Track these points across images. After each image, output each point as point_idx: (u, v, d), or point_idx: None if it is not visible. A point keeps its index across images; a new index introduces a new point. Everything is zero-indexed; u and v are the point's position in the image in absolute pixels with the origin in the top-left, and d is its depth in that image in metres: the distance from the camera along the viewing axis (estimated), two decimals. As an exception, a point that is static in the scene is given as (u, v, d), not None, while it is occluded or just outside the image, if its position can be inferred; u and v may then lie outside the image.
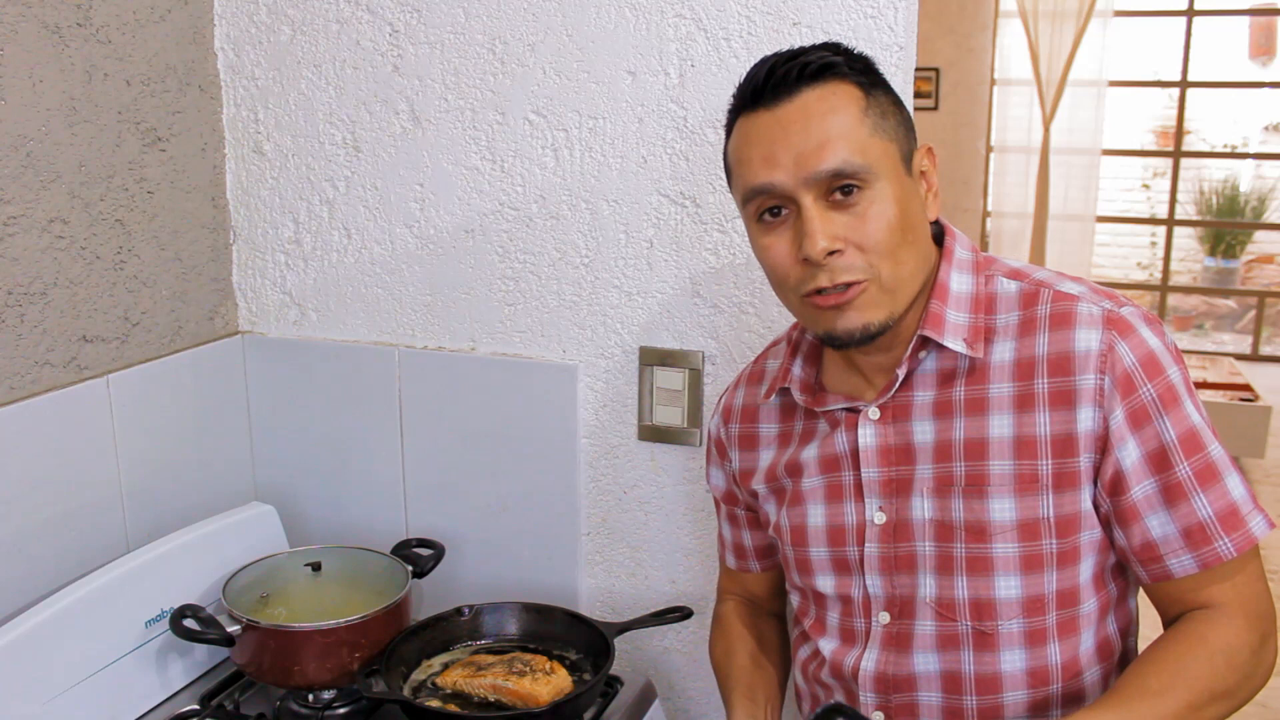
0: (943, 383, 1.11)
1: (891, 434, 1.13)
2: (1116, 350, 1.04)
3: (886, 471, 1.13)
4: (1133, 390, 1.03)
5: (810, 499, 1.19)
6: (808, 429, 1.21)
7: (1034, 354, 1.07)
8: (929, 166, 1.12)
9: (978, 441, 1.08)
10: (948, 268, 1.12)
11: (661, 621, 1.50)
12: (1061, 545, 1.07)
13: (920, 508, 1.11)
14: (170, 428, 1.64)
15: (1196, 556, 1.04)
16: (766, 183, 1.05)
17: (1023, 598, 1.08)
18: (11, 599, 1.39)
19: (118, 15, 1.51)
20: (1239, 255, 7.43)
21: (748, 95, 1.08)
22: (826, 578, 1.19)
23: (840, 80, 1.05)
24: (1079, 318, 1.05)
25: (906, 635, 1.13)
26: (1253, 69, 7.33)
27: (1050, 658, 1.09)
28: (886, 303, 1.06)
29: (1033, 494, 1.06)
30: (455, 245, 1.64)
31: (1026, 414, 1.06)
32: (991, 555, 1.08)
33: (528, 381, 1.63)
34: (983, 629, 1.09)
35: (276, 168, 1.72)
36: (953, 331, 1.09)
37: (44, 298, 1.43)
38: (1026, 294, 1.10)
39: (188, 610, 1.42)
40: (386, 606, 1.44)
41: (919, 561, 1.12)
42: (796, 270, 1.06)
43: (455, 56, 1.58)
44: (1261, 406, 4.87)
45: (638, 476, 1.62)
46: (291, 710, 1.45)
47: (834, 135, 1.03)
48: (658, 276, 1.54)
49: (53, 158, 1.43)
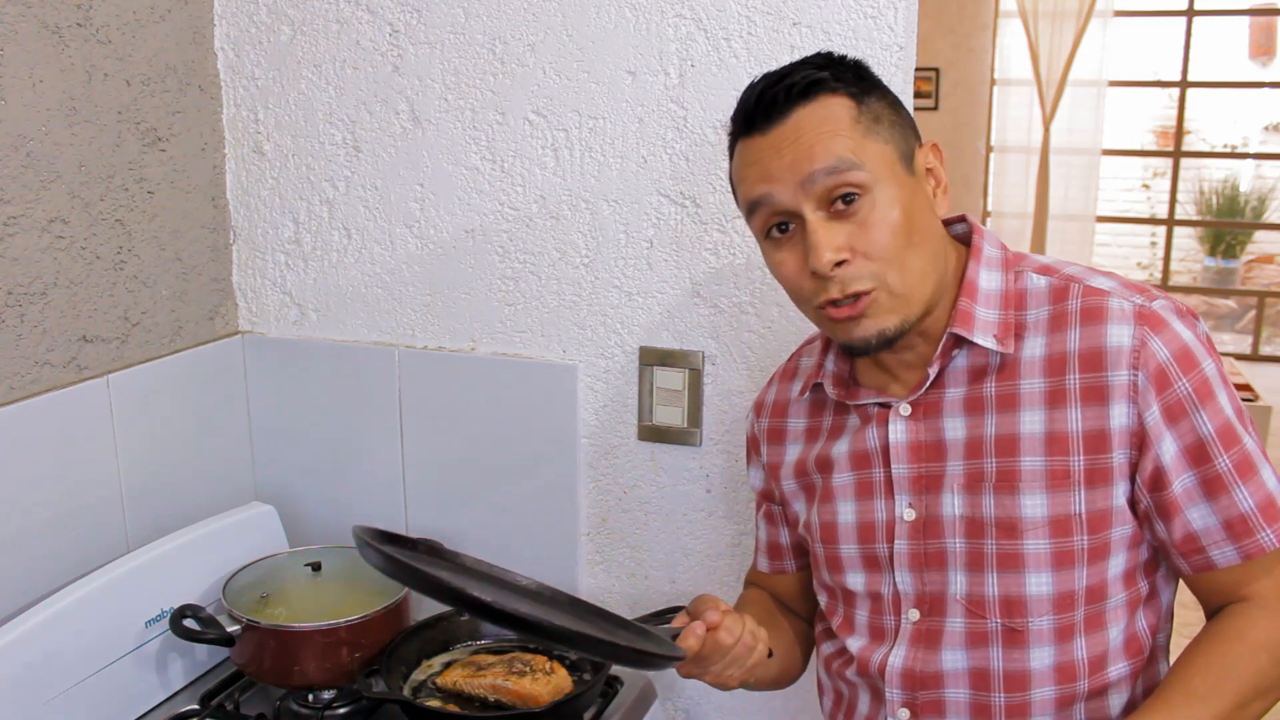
0: (974, 379, 1.11)
1: (923, 430, 1.13)
2: (1150, 346, 1.04)
3: (917, 468, 1.14)
4: (1167, 385, 1.03)
5: (840, 496, 1.19)
6: (837, 424, 1.22)
7: (1065, 349, 1.07)
8: (935, 163, 1.12)
9: (1009, 437, 1.08)
10: (976, 265, 1.12)
11: (661, 621, 1.50)
12: (1093, 541, 1.07)
13: (951, 504, 1.11)
14: (170, 428, 1.64)
15: (1239, 548, 1.04)
16: (765, 193, 1.06)
17: (1054, 594, 1.08)
18: (11, 599, 1.39)
19: (118, 15, 1.51)
20: (1239, 255, 7.43)
21: (741, 121, 1.09)
22: (856, 575, 1.19)
23: (829, 94, 1.06)
24: (1110, 313, 1.05)
25: (936, 632, 1.13)
26: (1253, 69, 7.33)
27: (1077, 653, 1.09)
28: (899, 308, 1.06)
29: (1064, 490, 1.06)
30: (455, 245, 1.64)
31: (1058, 410, 1.07)
32: (1023, 552, 1.08)
33: (528, 381, 1.63)
34: (1013, 626, 1.09)
35: (276, 168, 1.72)
36: (983, 328, 1.09)
37: (44, 298, 1.43)
38: (1057, 289, 1.10)
39: (188, 610, 1.42)
40: (386, 606, 1.45)
41: (949, 558, 1.12)
42: (809, 283, 1.07)
43: (455, 56, 1.58)
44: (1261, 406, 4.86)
45: (638, 476, 1.62)
46: (291, 710, 1.45)
47: (826, 137, 1.04)
48: (658, 276, 1.54)
49: (53, 158, 1.43)
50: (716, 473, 1.57)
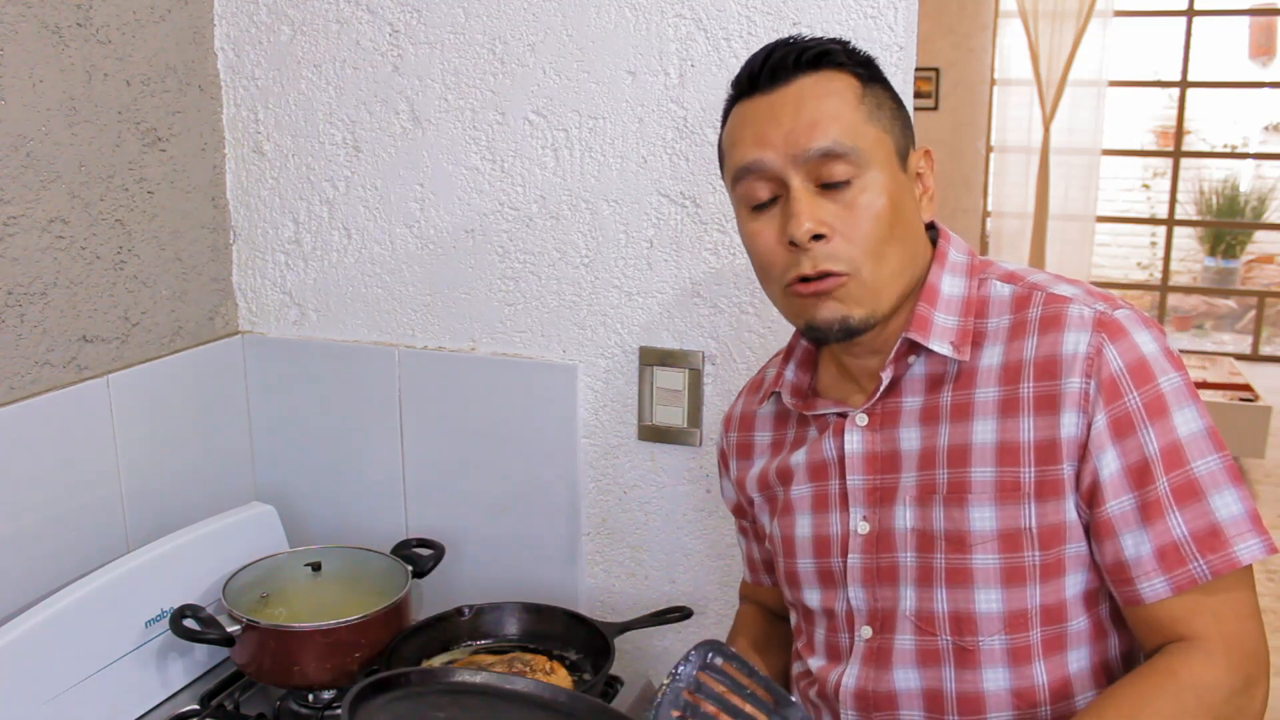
0: (931, 388, 1.08)
1: (879, 441, 1.10)
2: (1105, 353, 0.99)
3: (872, 480, 1.10)
4: (1118, 397, 0.98)
5: (799, 508, 1.16)
6: (799, 435, 1.19)
7: (1021, 358, 1.03)
8: (925, 169, 1.10)
9: (961, 448, 1.04)
10: (939, 270, 1.08)
11: (661, 621, 1.50)
12: (1045, 558, 1.02)
13: (903, 517, 1.07)
14: (170, 428, 1.64)
15: (1170, 579, 0.97)
16: (756, 159, 1.03)
17: (1004, 612, 1.03)
18: (12, 599, 1.39)
19: (118, 15, 1.51)
20: (1239, 255, 7.43)
21: (744, 82, 1.07)
22: (813, 591, 1.16)
23: (837, 69, 1.04)
24: (1069, 320, 1.01)
25: (887, 650, 1.09)
26: (1253, 69, 7.34)
27: (1037, 678, 1.03)
28: (868, 300, 1.04)
29: (1014, 503, 1.02)
30: (455, 245, 1.64)
31: (1010, 419, 1.02)
32: (971, 567, 1.03)
33: (528, 381, 1.63)
34: (963, 644, 1.04)
35: (276, 168, 1.72)
36: (939, 334, 1.05)
37: (44, 298, 1.43)
38: (1019, 297, 1.06)
39: (188, 610, 1.42)
40: (386, 606, 1.45)
41: (900, 573, 1.07)
42: (782, 256, 1.04)
43: (455, 56, 1.58)
44: (1261, 406, 4.87)
45: (638, 476, 1.62)
46: (291, 710, 1.45)
47: (826, 116, 1.01)
48: (658, 276, 1.54)
49: (53, 158, 1.43)
50: (716, 473, 1.57)
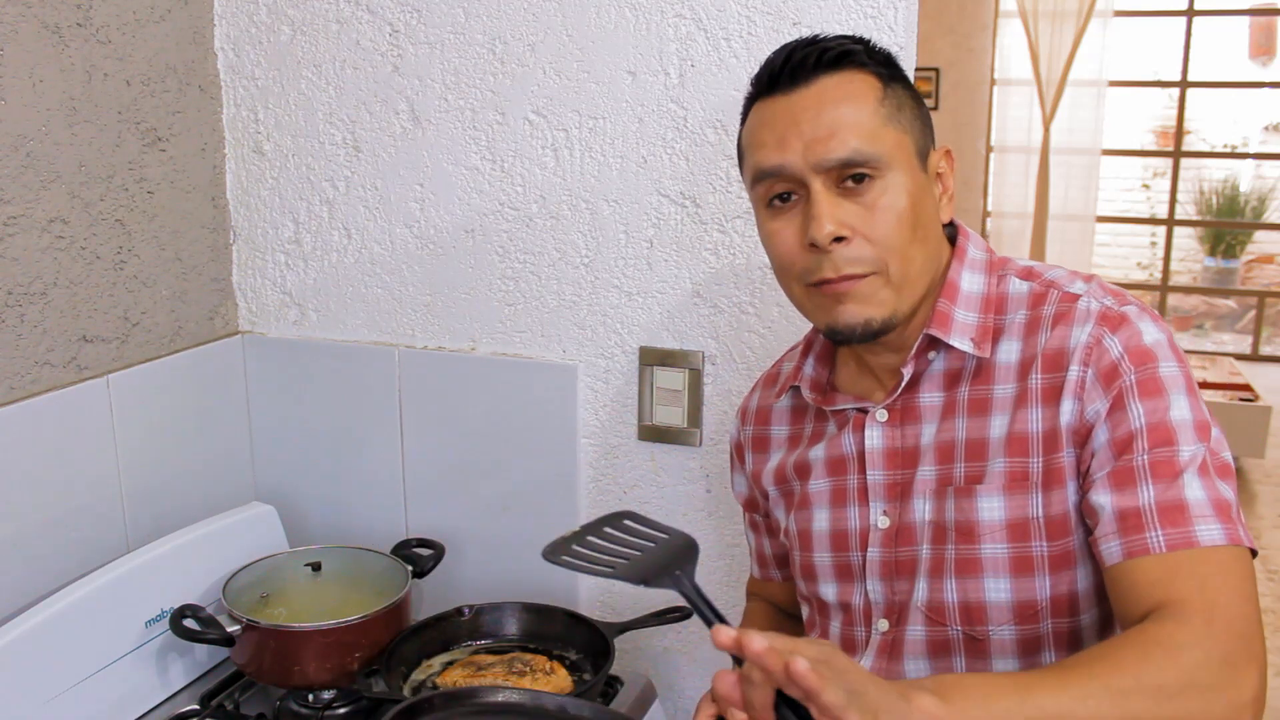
0: (949, 384, 1.09)
1: (899, 437, 1.11)
2: (1104, 342, 1.01)
3: (892, 475, 1.11)
4: (1116, 378, 1.00)
5: (816, 502, 1.17)
6: (817, 430, 1.20)
7: (1035, 353, 1.05)
8: (945, 169, 1.10)
9: (979, 442, 1.06)
10: (959, 266, 1.10)
11: (661, 621, 1.50)
12: (1053, 548, 1.03)
13: (921, 510, 1.08)
14: (170, 428, 1.64)
15: (1124, 543, 0.96)
16: (777, 164, 1.03)
17: (1013, 602, 1.04)
18: (11, 599, 1.39)
19: (118, 15, 1.51)
20: (1239, 255, 7.42)
21: (765, 80, 1.06)
22: (829, 584, 1.16)
23: (858, 69, 1.04)
24: (1076, 314, 1.03)
25: (899, 641, 1.10)
26: (1253, 69, 7.33)
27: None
28: (890, 299, 1.04)
29: (1022, 492, 1.03)
30: (455, 245, 1.64)
31: (1021, 411, 1.04)
32: (980, 556, 1.05)
33: (528, 381, 1.63)
34: (974, 634, 1.05)
35: (276, 168, 1.72)
36: (960, 331, 1.07)
37: (44, 298, 1.43)
38: (1036, 294, 1.08)
39: (188, 610, 1.42)
40: (386, 606, 1.45)
41: (918, 566, 1.09)
42: (802, 258, 1.04)
43: (455, 56, 1.58)
44: (1261, 406, 4.87)
45: (638, 476, 1.62)
46: (291, 710, 1.45)
47: (846, 123, 1.01)
48: (658, 276, 1.54)
49: (53, 158, 1.43)
50: (716, 473, 1.57)
